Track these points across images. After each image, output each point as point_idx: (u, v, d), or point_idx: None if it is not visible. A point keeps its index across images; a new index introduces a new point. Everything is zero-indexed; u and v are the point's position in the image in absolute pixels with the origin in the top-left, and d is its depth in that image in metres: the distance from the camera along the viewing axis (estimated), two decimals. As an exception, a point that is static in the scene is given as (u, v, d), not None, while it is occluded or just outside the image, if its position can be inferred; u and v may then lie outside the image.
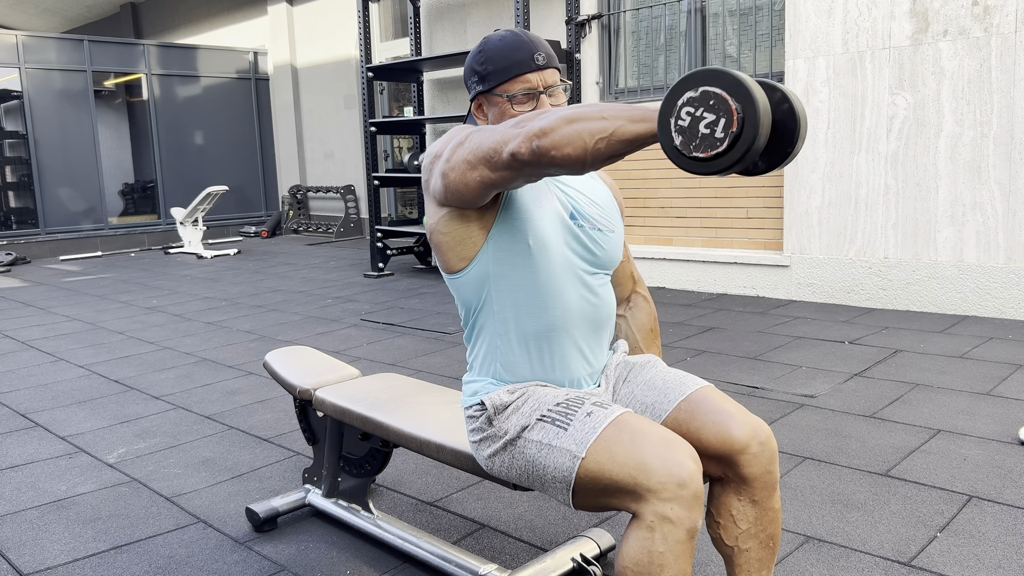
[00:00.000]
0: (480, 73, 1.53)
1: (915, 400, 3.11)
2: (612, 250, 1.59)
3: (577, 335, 1.54)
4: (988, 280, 4.40)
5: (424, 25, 7.40)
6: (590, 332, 1.56)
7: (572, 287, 1.52)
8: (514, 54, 1.49)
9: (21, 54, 9.22)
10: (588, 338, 1.56)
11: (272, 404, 3.39)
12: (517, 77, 1.50)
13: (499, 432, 1.49)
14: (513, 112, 1.50)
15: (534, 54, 1.50)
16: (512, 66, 1.49)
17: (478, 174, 1.36)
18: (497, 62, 1.50)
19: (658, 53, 5.85)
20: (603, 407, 1.42)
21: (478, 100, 1.56)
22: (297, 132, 10.82)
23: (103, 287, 6.95)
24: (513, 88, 1.50)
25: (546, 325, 1.51)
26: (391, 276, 6.89)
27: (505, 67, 1.50)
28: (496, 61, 1.50)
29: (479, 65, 1.53)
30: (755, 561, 1.54)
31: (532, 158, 1.24)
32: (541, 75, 1.50)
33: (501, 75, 1.50)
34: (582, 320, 1.54)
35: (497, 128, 1.33)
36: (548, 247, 1.49)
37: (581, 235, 1.54)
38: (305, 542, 2.16)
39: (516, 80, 1.50)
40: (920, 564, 1.92)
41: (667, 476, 1.28)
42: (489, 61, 1.51)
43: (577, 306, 1.53)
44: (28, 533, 2.27)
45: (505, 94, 1.50)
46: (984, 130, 4.32)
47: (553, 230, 1.50)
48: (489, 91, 1.52)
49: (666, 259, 5.75)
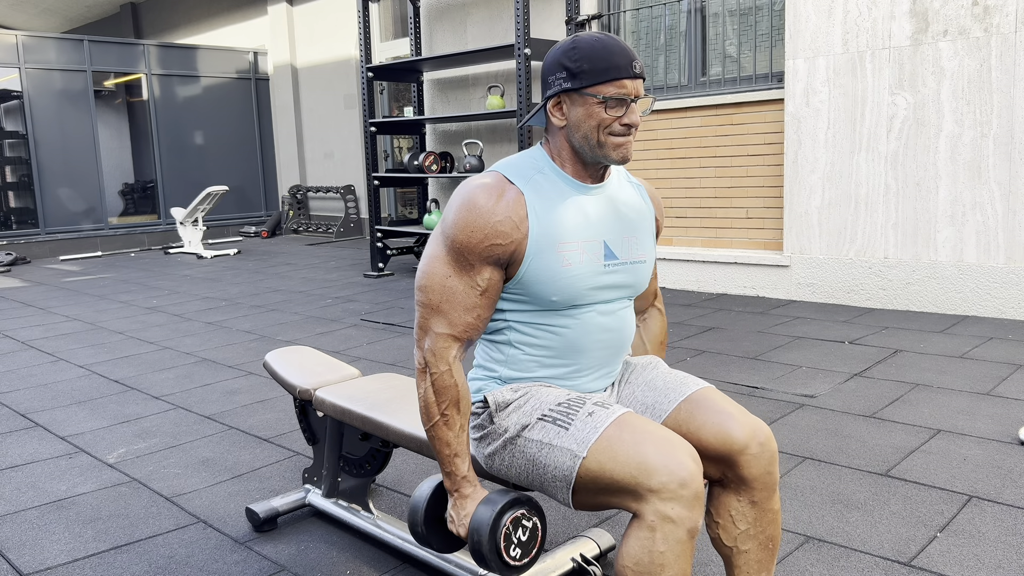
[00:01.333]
0: (571, 70, 1.44)
1: (915, 400, 3.11)
2: (641, 278, 1.58)
3: (594, 360, 1.55)
4: (988, 280, 4.40)
5: (424, 25, 7.40)
6: (608, 356, 1.57)
7: (594, 320, 1.52)
8: (613, 57, 1.43)
9: (21, 54, 9.22)
10: (605, 360, 1.57)
11: (272, 404, 3.39)
12: (615, 80, 1.43)
13: (499, 430, 1.49)
14: (603, 116, 1.42)
15: (632, 61, 1.44)
16: (611, 68, 1.43)
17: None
18: (595, 62, 1.43)
19: (658, 53, 5.85)
20: (604, 407, 1.42)
21: (559, 98, 1.48)
22: (297, 132, 10.82)
23: (103, 287, 6.95)
24: (608, 90, 1.43)
25: (563, 352, 1.52)
26: (391, 276, 6.89)
27: (604, 68, 1.42)
28: (593, 60, 1.43)
29: (571, 61, 1.44)
30: (754, 562, 1.54)
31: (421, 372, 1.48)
32: (636, 83, 1.45)
33: (598, 75, 1.42)
34: (601, 347, 1.55)
35: (418, 321, 1.49)
36: (574, 299, 1.49)
37: (613, 273, 1.52)
38: (305, 542, 2.16)
39: (612, 83, 1.43)
40: (920, 564, 1.92)
41: (668, 476, 1.28)
42: (585, 59, 1.43)
43: (598, 336, 1.53)
44: (28, 533, 2.27)
45: (599, 95, 1.42)
46: (984, 130, 4.32)
47: (581, 282, 1.48)
48: (579, 89, 1.44)
49: (666, 259, 5.75)
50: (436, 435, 1.46)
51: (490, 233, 1.42)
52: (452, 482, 1.46)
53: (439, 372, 1.45)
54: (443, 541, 1.54)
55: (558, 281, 1.46)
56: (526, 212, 1.44)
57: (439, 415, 1.45)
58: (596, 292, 1.50)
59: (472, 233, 1.42)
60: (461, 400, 1.46)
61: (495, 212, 1.42)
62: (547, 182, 1.48)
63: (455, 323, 1.45)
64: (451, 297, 1.45)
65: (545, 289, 1.46)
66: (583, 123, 1.45)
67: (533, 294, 1.47)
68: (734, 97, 5.34)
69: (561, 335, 1.51)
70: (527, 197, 1.45)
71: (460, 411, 1.46)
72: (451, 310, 1.45)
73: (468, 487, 1.46)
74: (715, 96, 5.44)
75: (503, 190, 1.45)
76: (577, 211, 1.49)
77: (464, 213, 1.43)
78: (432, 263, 1.47)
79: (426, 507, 1.51)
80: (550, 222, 1.45)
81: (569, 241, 1.47)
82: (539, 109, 1.55)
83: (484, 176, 1.48)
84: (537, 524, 1.45)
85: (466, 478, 1.46)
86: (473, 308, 1.45)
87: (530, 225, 1.44)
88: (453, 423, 1.45)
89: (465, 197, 1.45)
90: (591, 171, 1.51)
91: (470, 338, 1.47)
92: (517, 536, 1.42)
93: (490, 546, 1.38)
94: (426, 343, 1.47)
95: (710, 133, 5.52)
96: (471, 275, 1.44)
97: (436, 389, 1.45)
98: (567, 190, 1.49)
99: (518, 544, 1.42)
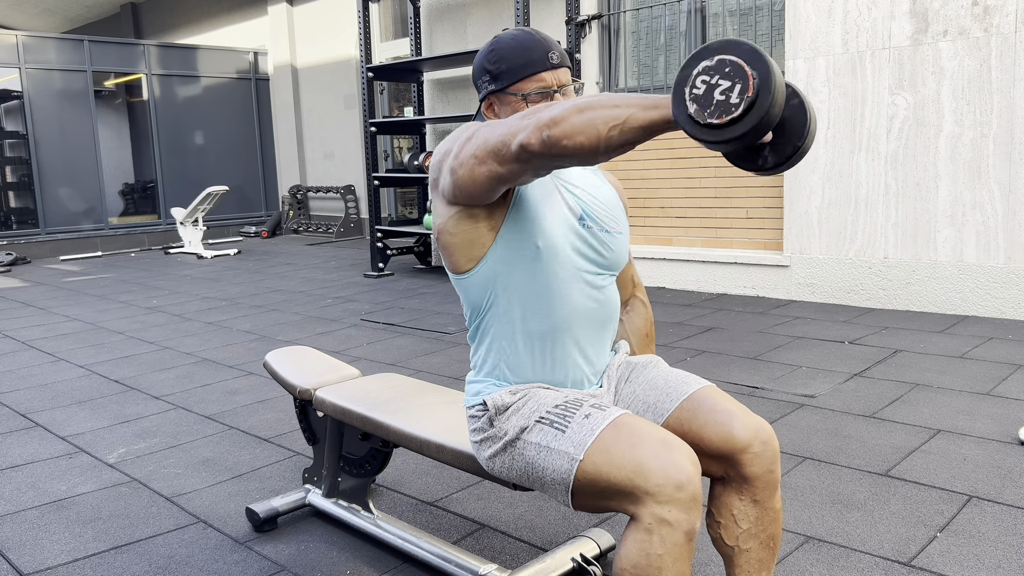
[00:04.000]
0: (492, 72, 1.49)
1: (915, 400, 3.11)
2: (619, 252, 1.58)
3: (581, 336, 1.54)
4: (988, 280, 4.40)
5: (424, 25, 7.40)
6: (594, 333, 1.56)
7: (578, 288, 1.52)
8: (528, 53, 1.47)
9: (21, 54, 9.22)
10: (592, 339, 1.56)
11: (272, 404, 3.39)
12: (531, 76, 1.47)
13: (499, 433, 1.49)
14: None
15: (548, 52, 1.47)
16: (526, 64, 1.46)
17: (487, 168, 1.34)
18: (511, 60, 1.47)
19: (658, 53, 5.85)
20: (601, 409, 1.41)
21: (489, 100, 1.53)
22: (297, 132, 10.82)
23: (103, 287, 6.95)
24: (527, 87, 1.47)
25: (551, 326, 1.51)
26: (391, 276, 6.89)
27: (519, 65, 1.47)
28: (509, 60, 1.47)
29: (491, 64, 1.49)
30: (755, 561, 1.54)
31: (543, 148, 1.23)
32: (555, 74, 1.48)
33: (515, 73, 1.47)
34: (587, 321, 1.54)
35: (505, 121, 1.32)
36: (556, 249, 1.48)
37: (589, 237, 1.53)
38: (305, 542, 2.16)
39: (530, 79, 1.47)
40: (920, 564, 1.92)
41: (664, 478, 1.27)
42: (502, 60, 1.48)
43: (582, 307, 1.53)
44: (28, 533, 2.27)
45: (519, 93, 1.47)
46: (984, 130, 4.32)
47: (561, 232, 1.49)
48: (502, 90, 1.49)
49: (666, 259, 5.75)
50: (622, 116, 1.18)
51: None
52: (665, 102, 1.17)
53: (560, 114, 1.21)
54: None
55: (542, 223, 1.47)
56: None
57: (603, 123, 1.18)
58: (576, 251, 1.51)
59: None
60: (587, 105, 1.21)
61: None
62: None
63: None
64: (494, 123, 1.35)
65: (531, 228, 1.47)
66: None
67: (523, 232, 1.47)
68: (734, 97, 5.33)
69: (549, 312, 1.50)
70: None
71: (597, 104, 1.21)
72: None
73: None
74: (715, 96, 5.43)
75: None
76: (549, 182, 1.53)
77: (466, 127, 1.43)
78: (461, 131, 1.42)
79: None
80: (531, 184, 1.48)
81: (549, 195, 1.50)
82: (477, 113, 1.58)
83: None
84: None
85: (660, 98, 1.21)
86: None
87: None
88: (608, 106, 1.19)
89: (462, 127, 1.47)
90: None
91: None
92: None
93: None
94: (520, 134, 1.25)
95: (710, 133, 5.52)
96: None
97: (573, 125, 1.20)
98: None
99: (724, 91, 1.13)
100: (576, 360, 1.55)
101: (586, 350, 1.56)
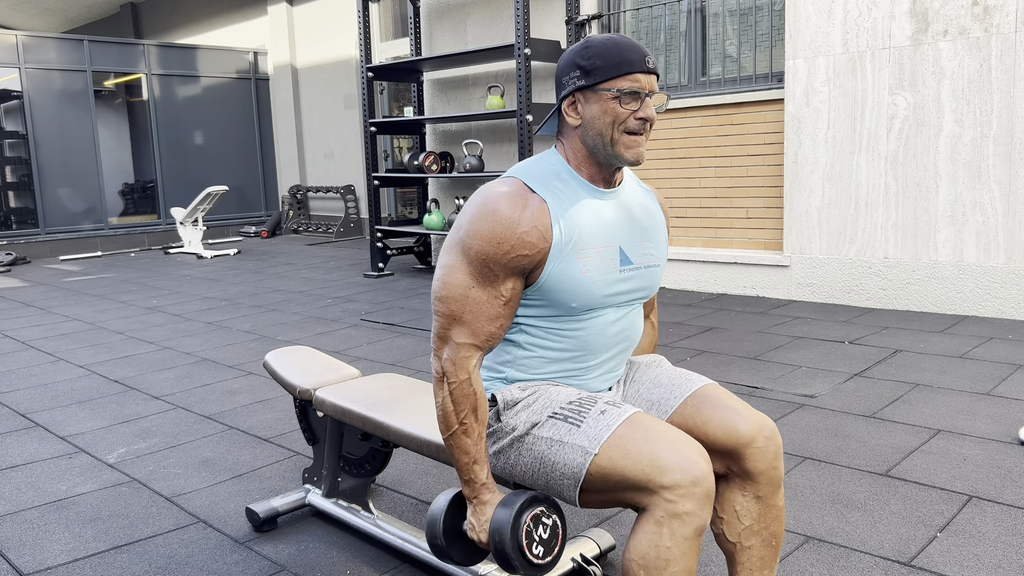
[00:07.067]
0: (585, 68, 1.45)
1: (915, 400, 3.11)
2: (654, 283, 1.59)
3: (603, 360, 1.56)
4: (988, 280, 4.40)
5: (424, 25, 7.40)
6: (616, 357, 1.58)
7: (607, 322, 1.52)
8: (625, 52, 1.44)
9: (21, 54, 9.22)
10: (613, 361, 1.58)
11: (272, 404, 3.39)
12: (628, 75, 1.44)
13: (507, 428, 1.49)
14: (619, 110, 1.43)
15: (645, 56, 1.45)
16: (624, 63, 1.43)
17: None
18: (607, 58, 1.44)
19: (658, 53, 5.85)
20: (616, 406, 1.43)
21: (574, 96, 1.48)
22: (297, 132, 10.82)
23: (103, 287, 6.95)
24: (622, 84, 1.43)
25: (574, 354, 1.52)
26: (391, 276, 6.89)
27: (616, 63, 1.43)
28: (606, 57, 1.44)
29: (585, 60, 1.45)
30: (757, 559, 1.54)
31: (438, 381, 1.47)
32: (649, 78, 1.46)
33: (611, 70, 1.43)
34: (611, 348, 1.56)
35: (437, 323, 1.45)
36: (591, 304, 1.48)
37: (629, 278, 1.52)
38: (305, 542, 2.16)
39: (626, 77, 1.44)
40: (920, 564, 1.92)
41: (681, 473, 1.29)
42: (598, 56, 1.44)
43: (609, 334, 1.54)
44: (28, 533, 2.27)
45: (613, 89, 1.43)
46: (984, 130, 4.32)
47: (599, 289, 1.48)
48: (592, 86, 1.45)
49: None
50: (455, 444, 1.45)
51: (516, 244, 1.40)
52: (472, 489, 1.45)
53: (458, 381, 1.43)
54: (464, 553, 1.51)
55: (577, 287, 1.46)
56: (550, 221, 1.43)
57: (458, 424, 1.43)
58: (612, 297, 1.51)
59: (499, 244, 1.40)
60: (479, 407, 1.45)
61: (520, 223, 1.41)
62: (565, 187, 1.47)
63: (478, 333, 1.43)
64: (474, 308, 1.43)
65: (565, 296, 1.46)
66: (598, 119, 1.45)
67: (552, 300, 1.47)
68: (734, 97, 5.34)
69: (575, 338, 1.51)
70: (550, 205, 1.44)
71: (478, 419, 1.44)
72: (474, 320, 1.43)
73: (487, 493, 1.45)
74: (715, 96, 5.44)
75: (527, 199, 1.43)
76: (595, 217, 1.48)
77: (488, 223, 1.40)
78: (452, 273, 1.44)
79: (444, 519, 1.48)
80: (571, 230, 1.45)
81: (587, 247, 1.46)
82: (555, 111, 1.54)
83: (503, 184, 1.45)
84: (557, 521, 1.44)
85: (485, 484, 1.45)
86: (496, 318, 1.44)
87: (554, 234, 1.43)
88: (472, 431, 1.44)
89: (487, 206, 1.42)
90: (605, 174, 1.50)
91: (491, 347, 1.46)
92: (538, 534, 1.41)
93: (513, 544, 1.37)
94: (445, 353, 1.44)
95: (710, 133, 5.52)
96: (495, 285, 1.42)
97: (455, 399, 1.43)
98: (583, 195, 1.48)
99: (540, 542, 1.41)
100: (595, 375, 1.57)
101: (606, 369, 1.58)
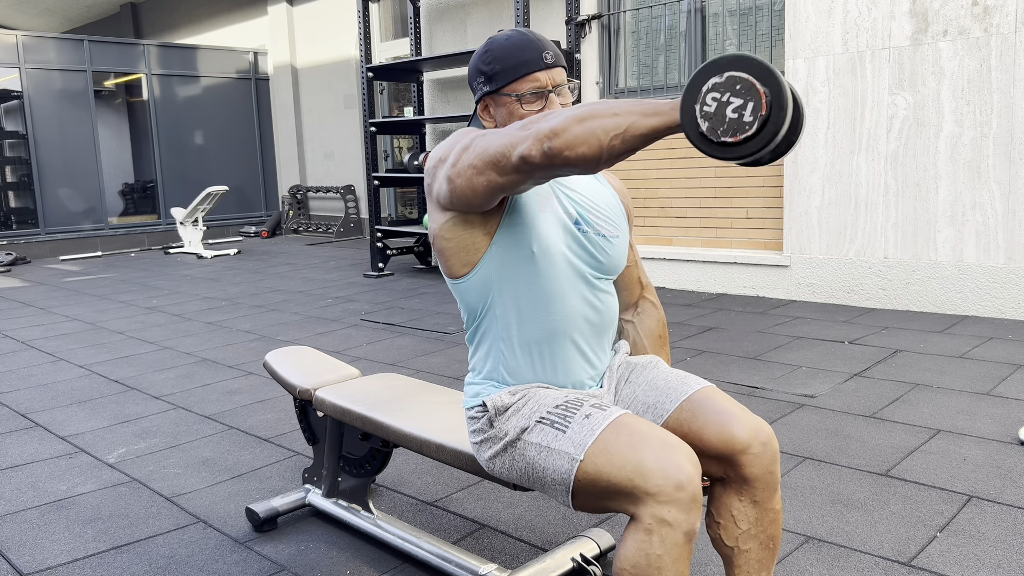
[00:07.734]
0: (487, 73, 1.49)
1: (915, 400, 3.11)
2: (616, 256, 1.58)
3: (579, 339, 1.54)
4: (988, 280, 4.40)
5: (424, 25, 7.40)
6: (593, 336, 1.56)
7: (575, 292, 1.52)
8: (522, 53, 1.47)
9: (21, 54, 9.22)
10: (591, 341, 1.56)
11: (272, 404, 3.39)
12: (526, 76, 1.47)
13: (499, 434, 1.49)
14: (522, 112, 1.48)
15: (542, 52, 1.47)
16: (520, 65, 1.46)
17: (485, 179, 1.34)
18: (505, 61, 1.47)
19: (658, 53, 5.85)
20: (601, 409, 1.41)
21: (484, 101, 1.53)
22: (297, 132, 10.82)
23: (103, 287, 6.95)
24: (522, 87, 1.47)
25: (549, 330, 1.51)
26: (391, 276, 6.89)
27: (513, 66, 1.47)
28: (504, 60, 1.47)
29: (485, 65, 1.49)
30: (755, 562, 1.54)
31: (544, 160, 1.23)
32: (550, 74, 1.48)
33: (509, 74, 1.47)
34: (585, 324, 1.54)
35: (504, 131, 1.31)
36: (552, 253, 1.48)
37: (585, 241, 1.53)
38: (305, 542, 2.16)
39: (525, 79, 1.47)
40: (920, 564, 1.92)
41: (664, 479, 1.27)
42: (496, 61, 1.48)
43: (580, 311, 1.52)
44: (28, 533, 2.27)
45: (514, 93, 1.47)
46: (984, 130, 4.32)
47: (557, 236, 1.49)
48: (496, 91, 1.49)
49: (666, 259, 5.75)
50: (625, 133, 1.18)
51: None
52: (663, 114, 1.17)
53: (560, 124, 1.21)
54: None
55: (537, 227, 1.47)
56: None
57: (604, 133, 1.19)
58: (572, 255, 1.51)
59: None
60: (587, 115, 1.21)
61: None
62: None
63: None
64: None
65: (526, 232, 1.46)
66: (507, 122, 1.49)
67: (517, 238, 1.47)
68: (734, 97, 5.33)
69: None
70: None
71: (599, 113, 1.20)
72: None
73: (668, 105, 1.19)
74: (715, 96, 5.43)
75: None
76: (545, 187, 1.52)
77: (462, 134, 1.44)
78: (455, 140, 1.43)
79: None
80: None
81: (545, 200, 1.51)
82: (473, 116, 1.58)
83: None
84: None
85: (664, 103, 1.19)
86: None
87: None
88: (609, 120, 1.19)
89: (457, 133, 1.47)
90: None
91: None
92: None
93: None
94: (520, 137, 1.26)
95: (710, 133, 5.52)
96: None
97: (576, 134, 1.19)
98: None
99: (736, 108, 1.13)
100: (576, 363, 1.55)
101: (586, 353, 1.56)
